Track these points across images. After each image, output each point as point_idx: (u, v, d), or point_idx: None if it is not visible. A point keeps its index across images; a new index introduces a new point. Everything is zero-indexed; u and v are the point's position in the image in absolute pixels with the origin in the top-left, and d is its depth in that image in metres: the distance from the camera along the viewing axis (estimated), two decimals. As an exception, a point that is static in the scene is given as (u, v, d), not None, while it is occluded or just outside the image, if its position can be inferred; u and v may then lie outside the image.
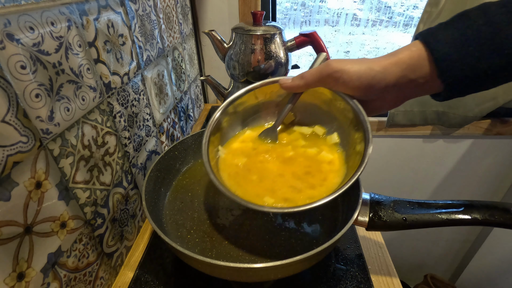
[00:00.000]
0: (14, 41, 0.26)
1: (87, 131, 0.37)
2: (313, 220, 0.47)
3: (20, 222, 0.27)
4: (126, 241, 0.48)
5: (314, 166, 0.41)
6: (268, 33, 0.69)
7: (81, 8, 0.35)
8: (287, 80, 0.40)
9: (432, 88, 0.33)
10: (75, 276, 0.35)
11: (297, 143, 0.44)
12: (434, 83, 0.32)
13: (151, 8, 0.57)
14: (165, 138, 0.65)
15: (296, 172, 0.40)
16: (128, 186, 0.48)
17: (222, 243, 0.43)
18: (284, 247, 0.42)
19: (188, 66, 0.83)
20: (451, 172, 1.23)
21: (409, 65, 0.32)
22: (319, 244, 0.34)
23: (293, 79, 0.39)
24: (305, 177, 0.40)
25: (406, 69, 0.32)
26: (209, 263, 0.33)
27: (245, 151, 0.45)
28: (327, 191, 0.36)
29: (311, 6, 1.04)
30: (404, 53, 0.32)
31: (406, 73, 0.32)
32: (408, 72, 0.32)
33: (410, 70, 0.32)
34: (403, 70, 0.32)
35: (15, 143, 0.26)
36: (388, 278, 0.45)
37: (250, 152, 0.44)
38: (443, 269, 1.53)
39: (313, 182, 0.39)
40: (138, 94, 0.51)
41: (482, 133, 1.10)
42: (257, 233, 0.45)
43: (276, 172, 0.41)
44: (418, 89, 0.34)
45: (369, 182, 1.29)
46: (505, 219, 0.34)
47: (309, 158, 0.42)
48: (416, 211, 0.36)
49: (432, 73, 0.31)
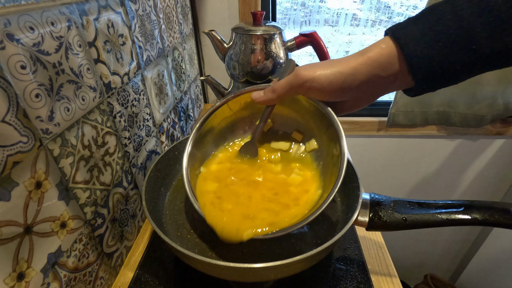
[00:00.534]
0: (14, 41, 0.26)
1: (87, 131, 0.37)
2: (313, 221, 0.47)
3: (20, 222, 0.27)
4: (126, 241, 0.48)
5: (281, 188, 0.42)
6: (268, 33, 0.69)
7: (81, 8, 0.35)
8: (259, 94, 0.40)
9: (403, 84, 0.33)
10: (75, 276, 0.35)
11: (270, 167, 0.45)
12: (404, 79, 0.32)
13: (151, 8, 0.57)
14: (165, 138, 0.65)
15: (266, 195, 0.41)
16: (128, 186, 0.48)
17: (222, 243, 0.43)
18: (284, 247, 0.42)
19: (188, 66, 0.83)
20: (451, 172, 1.24)
21: (379, 64, 0.32)
22: (319, 244, 0.34)
23: (265, 92, 0.40)
24: (276, 198, 0.41)
25: (377, 67, 0.32)
26: (209, 263, 0.33)
27: (220, 174, 0.45)
28: (306, 207, 0.38)
29: (311, 6, 1.05)
30: (374, 51, 0.32)
31: (376, 71, 0.32)
32: (379, 71, 0.32)
33: (380, 69, 0.32)
34: (374, 69, 0.32)
35: (15, 143, 0.26)
36: (388, 278, 0.45)
37: (224, 175, 0.45)
38: (443, 269, 1.53)
39: (286, 203, 0.40)
40: (138, 94, 0.51)
41: (482, 133, 1.10)
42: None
43: (246, 195, 0.41)
44: (389, 85, 0.34)
45: (369, 182, 1.29)
46: (505, 219, 0.34)
47: (278, 182, 0.43)
48: (416, 211, 0.36)
49: (403, 69, 0.31)
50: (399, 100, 1.02)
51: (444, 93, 1.00)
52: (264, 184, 0.43)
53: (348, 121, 1.11)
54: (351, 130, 1.13)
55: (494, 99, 1.00)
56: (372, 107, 1.14)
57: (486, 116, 1.02)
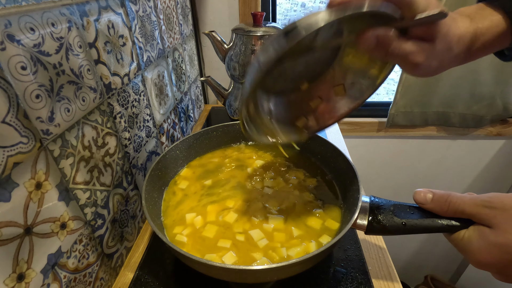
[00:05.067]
0: (15, 42, 0.26)
1: (87, 132, 0.37)
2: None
3: (20, 223, 0.27)
4: (126, 242, 0.48)
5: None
6: (268, 34, 0.69)
7: (82, 9, 0.35)
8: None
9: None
10: (75, 277, 0.35)
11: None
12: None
13: (151, 9, 0.57)
14: (165, 139, 0.65)
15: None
16: (128, 187, 0.48)
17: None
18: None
19: (188, 67, 0.83)
20: (451, 172, 1.23)
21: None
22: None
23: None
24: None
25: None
26: (209, 265, 0.33)
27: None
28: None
29: (311, 7, 1.05)
30: (484, 23, 0.33)
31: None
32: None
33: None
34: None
35: (15, 144, 0.26)
36: (389, 279, 0.45)
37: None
38: (443, 270, 1.53)
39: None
40: (138, 95, 0.51)
41: (482, 134, 1.10)
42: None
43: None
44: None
45: (368, 182, 1.29)
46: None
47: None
48: (415, 215, 0.35)
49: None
50: (398, 100, 1.02)
51: (444, 93, 1.00)
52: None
53: (348, 122, 1.11)
54: (351, 131, 1.13)
55: (493, 100, 1.00)
56: (372, 107, 1.14)
57: (485, 117, 1.02)
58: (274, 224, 0.44)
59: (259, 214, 0.46)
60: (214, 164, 0.57)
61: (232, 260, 0.39)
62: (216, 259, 0.39)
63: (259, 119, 0.40)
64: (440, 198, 0.33)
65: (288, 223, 0.44)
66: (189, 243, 0.42)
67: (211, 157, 0.59)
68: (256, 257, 0.39)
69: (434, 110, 1.04)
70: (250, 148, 0.61)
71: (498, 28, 0.33)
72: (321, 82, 0.42)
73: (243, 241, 0.42)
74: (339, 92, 0.41)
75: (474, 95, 0.99)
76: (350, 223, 0.37)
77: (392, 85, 1.33)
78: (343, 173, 0.49)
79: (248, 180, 0.52)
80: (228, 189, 0.51)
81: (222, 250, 0.41)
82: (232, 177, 0.53)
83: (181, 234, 0.43)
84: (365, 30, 0.30)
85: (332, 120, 0.43)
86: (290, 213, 0.46)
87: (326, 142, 0.54)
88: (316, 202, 0.48)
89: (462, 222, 0.33)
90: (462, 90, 0.99)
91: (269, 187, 0.51)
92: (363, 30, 0.30)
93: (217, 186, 0.51)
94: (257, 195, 0.49)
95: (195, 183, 0.52)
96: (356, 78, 0.40)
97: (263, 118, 0.41)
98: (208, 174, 0.54)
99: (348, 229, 0.36)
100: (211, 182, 0.52)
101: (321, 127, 0.43)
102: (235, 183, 0.52)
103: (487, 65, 0.93)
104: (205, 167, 0.56)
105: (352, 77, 0.40)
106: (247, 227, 0.44)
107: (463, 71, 0.95)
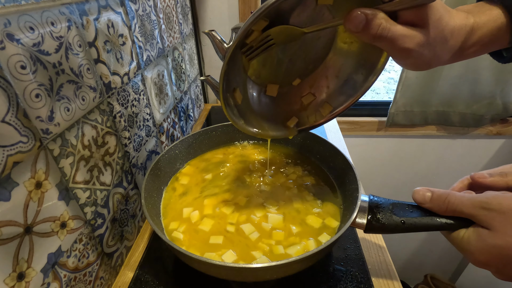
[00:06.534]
0: (14, 41, 0.26)
1: (87, 131, 0.37)
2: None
3: (20, 222, 0.27)
4: (126, 241, 0.48)
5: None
6: (268, 33, 0.69)
7: (81, 8, 0.35)
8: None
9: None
10: (75, 276, 0.35)
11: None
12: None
13: (151, 8, 0.57)
14: (165, 138, 0.65)
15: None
16: (128, 186, 0.48)
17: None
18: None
19: (188, 66, 0.83)
20: (451, 172, 1.23)
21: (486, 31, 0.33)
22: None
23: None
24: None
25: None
26: (208, 263, 0.33)
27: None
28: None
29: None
30: (482, 19, 0.33)
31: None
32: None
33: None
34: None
35: (15, 143, 0.26)
36: (389, 278, 0.45)
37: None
38: (443, 269, 1.53)
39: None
40: (138, 94, 0.51)
41: (482, 133, 1.10)
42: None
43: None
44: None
45: (368, 182, 1.29)
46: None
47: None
48: (414, 214, 0.36)
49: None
50: (398, 100, 1.02)
51: (443, 92, 1.00)
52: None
53: (348, 121, 1.11)
54: (350, 130, 1.13)
55: (492, 99, 1.00)
56: (372, 107, 1.14)
57: (485, 116, 1.02)
58: (272, 223, 0.44)
59: (258, 212, 0.46)
60: (218, 159, 0.59)
61: (232, 258, 0.39)
62: (216, 258, 0.39)
63: (248, 109, 0.41)
64: (439, 198, 0.33)
65: (287, 222, 0.44)
66: (185, 238, 0.43)
67: (215, 153, 0.61)
68: (256, 255, 0.40)
69: (434, 109, 1.04)
70: (252, 146, 0.62)
71: (496, 22, 0.33)
72: (313, 79, 0.42)
73: (240, 234, 0.43)
74: (308, 99, 0.43)
75: (474, 94, 0.99)
76: (349, 221, 0.37)
77: (392, 84, 1.34)
78: (342, 172, 0.49)
79: (248, 176, 0.53)
80: (228, 183, 0.52)
81: (222, 249, 0.41)
82: (233, 171, 0.55)
83: (177, 231, 0.44)
84: (353, 9, 0.29)
85: (324, 119, 0.43)
86: (289, 211, 0.46)
87: (325, 141, 0.54)
88: (316, 200, 0.48)
89: (461, 221, 0.33)
90: (462, 89, 0.99)
91: (268, 184, 0.51)
92: (351, 8, 0.29)
93: (217, 180, 0.53)
94: (256, 192, 0.50)
95: (196, 176, 0.54)
96: (350, 74, 0.40)
97: (252, 108, 0.42)
98: (210, 169, 0.56)
99: (347, 228, 0.36)
100: (211, 176, 0.54)
101: (312, 125, 0.44)
102: (235, 178, 0.53)
103: (487, 64, 0.93)
104: (208, 162, 0.58)
105: (345, 73, 0.40)
106: (241, 220, 0.45)
107: (463, 70, 0.95)
